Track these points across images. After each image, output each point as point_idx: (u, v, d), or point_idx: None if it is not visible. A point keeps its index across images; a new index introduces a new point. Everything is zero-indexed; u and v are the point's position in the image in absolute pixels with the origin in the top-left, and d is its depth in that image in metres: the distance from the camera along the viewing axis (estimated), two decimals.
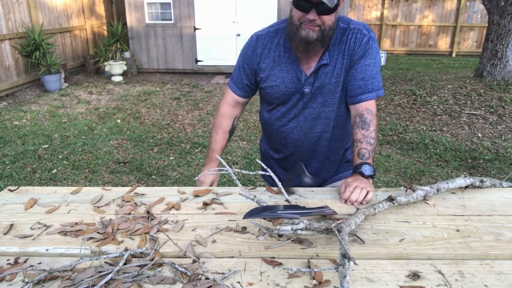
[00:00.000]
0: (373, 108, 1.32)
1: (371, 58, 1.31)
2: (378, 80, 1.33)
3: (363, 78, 1.30)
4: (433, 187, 1.24)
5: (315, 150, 1.48)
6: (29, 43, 6.43)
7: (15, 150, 4.16)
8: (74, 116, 5.42)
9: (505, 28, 6.09)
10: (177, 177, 3.63)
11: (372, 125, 1.29)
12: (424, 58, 10.66)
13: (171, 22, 8.17)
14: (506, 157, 4.02)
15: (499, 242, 1.02)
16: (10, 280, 0.88)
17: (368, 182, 1.23)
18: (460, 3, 10.77)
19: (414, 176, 3.64)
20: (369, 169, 1.25)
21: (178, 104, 6.10)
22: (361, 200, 1.19)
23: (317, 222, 1.01)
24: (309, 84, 1.35)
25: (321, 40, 1.25)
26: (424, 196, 1.21)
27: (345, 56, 1.31)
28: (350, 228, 1.00)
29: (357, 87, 1.32)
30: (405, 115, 5.35)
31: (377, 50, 1.33)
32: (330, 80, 1.33)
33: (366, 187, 1.20)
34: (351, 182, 1.21)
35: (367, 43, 1.30)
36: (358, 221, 1.04)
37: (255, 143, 4.47)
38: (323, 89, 1.35)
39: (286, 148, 1.51)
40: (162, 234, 1.06)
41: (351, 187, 1.20)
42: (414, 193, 1.20)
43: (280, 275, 0.89)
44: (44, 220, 1.14)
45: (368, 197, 1.19)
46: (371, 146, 1.27)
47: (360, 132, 1.29)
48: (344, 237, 0.93)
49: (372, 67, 1.31)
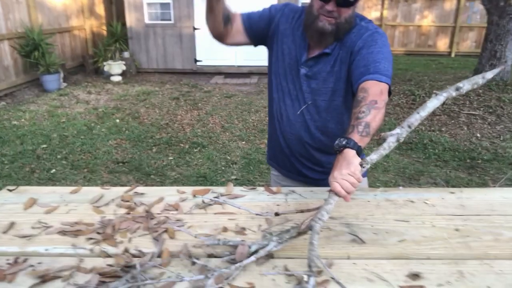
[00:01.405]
0: (369, 86, 1.17)
1: (375, 47, 1.25)
2: (383, 65, 1.21)
3: (365, 65, 1.23)
4: (403, 126, 1.07)
5: (302, 136, 1.45)
6: (28, 43, 6.41)
7: (14, 150, 4.15)
8: (73, 116, 5.42)
9: (504, 28, 6.10)
10: (176, 177, 3.63)
11: (364, 100, 1.13)
12: (423, 58, 10.67)
13: (171, 22, 8.16)
14: (504, 157, 4.03)
15: (498, 242, 1.02)
16: (10, 280, 0.88)
17: (345, 159, 1.00)
18: (460, 4, 10.78)
19: (413, 176, 3.64)
20: (340, 142, 1.03)
21: (177, 104, 6.09)
22: (355, 185, 0.97)
23: (286, 232, 0.97)
24: (307, 66, 1.36)
25: (335, 33, 1.27)
26: (397, 140, 1.05)
27: (343, 48, 1.31)
28: (322, 221, 0.92)
29: (358, 74, 1.24)
30: (404, 115, 5.35)
31: (384, 43, 1.27)
32: (327, 68, 1.34)
33: (342, 172, 0.98)
34: (330, 180, 1.00)
35: (371, 35, 1.27)
36: (330, 207, 0.94)
37: (254, 143, 4.47)
38: (318, 75, 1.35)
39: (282, 126, 1.48)
40: (161, 234, 1.06)
41: (333, 186, 0.98)
42: (385, 142, 1.05)
43: (280, 275, 0.89)
44: (44, 220, 1.14)
45: (356, 176, 0.97)
46: (358, 120, 1.09)
47: (352, 112, 1.16)
48: (313, 240, 0.87)
49: (375, 54, 1.23)
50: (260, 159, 4.00)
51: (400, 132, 1.06)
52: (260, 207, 1.20)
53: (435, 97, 1.12)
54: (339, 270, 0.91)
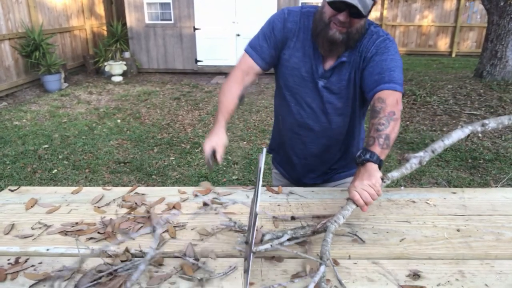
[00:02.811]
0: (386, 96, 1.19)
1: (388, 55, 1.25)
2: (397, 74, 1.23)
3: (379, 73, 1.24)
4: (427, 150, 1.14)
5: (325, 143, 1.45)
6: (29, 43, 6.42)
7: (16, 150, 4.16)
8: (74, 116, 5.42)
9: (505, 28, 6.09)
10: (177, 177, 3.63)
11: (382, 112, 1.15)
12: (424, 58, 10.66)
13: (171, 22, 8.17)
14: (506, 157, 4.02)
15: (499, 242, 1.02)
16: (12, 280, 0.88)
17: (366, 171, 1.04)
18: (460, 4, 10.77)
19: (415, 176, 3.64)
20: (363, 154, 1.06)
21: (178, 104, 6.10)
22: (373, 197, 1.01)
23: (301, 229, 1.00)
24: (324, 78, 1.33)
25: (346, 42, 1.24)
26: (419, 162, 1.12)
27: (356, 53, 1.29)
28: (338, 224, 0.97)
29: (372, 82, 1.24)
30: (405, 115, 5.35)
31: (395, 50, 1.28)
32: (345, 76, 1.32)
33: (363, 183, 1.01)
34: (350, 188, 1.05)
35: (383, 42, 1.27)
36: (347, 213, 0.99)
37: (255, 143, 4.47)
38: (338, 84, 1.33)
39: (299, 136, 1.47)
40: (162, 234, 1.06)
41: (352, 194, 1.02)
42: (408, 163, 1.12)
43: (280, 275, 0.89)
44: (45, 220, 1.14)
45: (376, 189, 1.01)
46: (378, 132, 1.11)
47: (370, 122, 1.17)
48: (328, 238, 0.92)
49: (389, 62, 1.24)
50: None
51: (423, 155, 1.14)
52: (261, 207, 1.21)
53: (461, 129, 1.20)
54: (340, 269, 0.91)
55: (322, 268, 0.84)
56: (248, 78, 1.41)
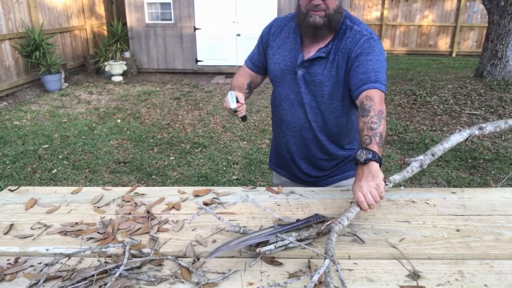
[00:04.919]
0: (374, 95, 1.22)
1: (373, 55, 1.29)
2: (381, 75, 1.27)
3: (365, 72, 1.27)
4: (427, 153, 1.17)
5: (304, 137, 1.48)
6: (29, 43, 6.42)
7: (15, 150, 4.16)
8: (74, 116, 5.42)
9: (505, 28, 6.09)
10: (177, 177, 3.63)
11: (373, 110, 1.18)
12: (424, 58, 10.66)
13: (171, 22, 8.17)
14: (506, 157, 4.02)
15: (499, 242, 1.02)
16: (11, 280, 0.88)
17: (370, 171, 1.05)
18: (460, 3, 10.77)
19: (414, 176, 3.64)
20: (365, 154, 1.07)
21: (178, 104, 6.10)
22: (377, 199, 1.02)
23: (306, 231, 1.01)
24: (303, 67, 1.38)
25: (327, 25, 1.30)
26: (420, 165, 1.14)
27: (339, 53, 1.33)
28: (342, 225, 0.98)
29: (358, 80, 1.28)
30: (405, 115, 5.35)
31: (380, 50, 1.31)
32: (323, 72, 1.35)
33: (368, 184, 1.02)
34: (355, 189, 1.05)
35: (367, 41, 1.30)
36: (351, 215, 1.01)
37: (255, 143, 4.47)
38: (314, 77, 1.37)
39: (282, 131, 1.53)
40: (162, 234, 1.06)
41: (357, 195, 1.02)
42: (409, 166, 1.15)
43: (280, 275, 0.89)
44: (44, 220, 1.14)
45: (379, 190, 1.02)
46: (373, 130, 1.14)
47: (361, 121, 1.19)
48: (332, 237, 0.93)
49: (374, 62, 1.28)
50: (261, 159, 4.00)
51: (424, 159, 1.16)
52: (264, 206, 1.20)
53: (459, 132, 1.23)
54: (340, 270, 0.91)
55: (327, 261, 0.85)
56: (247, 79, 1.60)
